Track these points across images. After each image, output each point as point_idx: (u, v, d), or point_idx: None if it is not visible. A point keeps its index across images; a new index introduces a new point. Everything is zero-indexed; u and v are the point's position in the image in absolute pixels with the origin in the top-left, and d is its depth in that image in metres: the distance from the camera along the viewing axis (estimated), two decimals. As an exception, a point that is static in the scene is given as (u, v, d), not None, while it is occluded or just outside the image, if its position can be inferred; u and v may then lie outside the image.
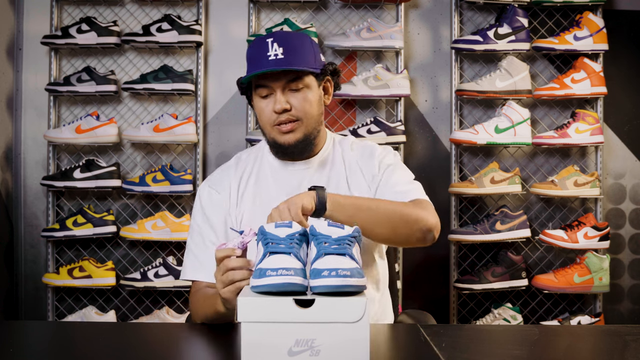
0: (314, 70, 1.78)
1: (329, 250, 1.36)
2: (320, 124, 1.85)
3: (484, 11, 3.41)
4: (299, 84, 1.77)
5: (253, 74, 1.74)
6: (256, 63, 1.75)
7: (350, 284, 1.29)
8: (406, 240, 1.77)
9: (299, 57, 1.75)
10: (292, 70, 1.75)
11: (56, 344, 1.62)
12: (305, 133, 1.80)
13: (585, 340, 1.65)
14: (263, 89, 1.77)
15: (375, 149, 1.91)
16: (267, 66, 1.73)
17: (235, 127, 3.38)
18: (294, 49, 1.74)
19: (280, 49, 1.73)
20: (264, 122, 1.80)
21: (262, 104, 1.79)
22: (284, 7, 3.38)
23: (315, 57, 1.80)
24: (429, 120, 3.42)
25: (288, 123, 1.77)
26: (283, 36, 1.76)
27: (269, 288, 1.30)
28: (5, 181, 3.31)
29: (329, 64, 1.85)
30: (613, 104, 3.39)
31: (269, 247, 1.38)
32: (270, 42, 1.74)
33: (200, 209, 1.88)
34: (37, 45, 3.31)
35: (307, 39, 1.81)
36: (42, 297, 3.32)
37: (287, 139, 1.79)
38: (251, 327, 1.28)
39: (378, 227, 1.70)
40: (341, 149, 1.91)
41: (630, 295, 3.42)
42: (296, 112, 1.77)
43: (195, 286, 1.83)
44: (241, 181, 1.88)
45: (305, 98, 1.78)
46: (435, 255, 3.36)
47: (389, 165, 1.87)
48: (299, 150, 1.82)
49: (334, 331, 1.27)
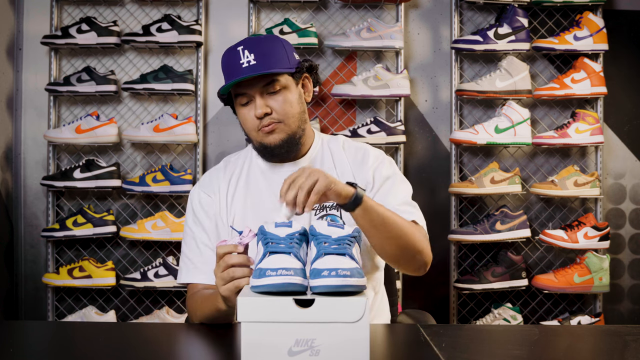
0: (287, 71, 1.78)
1: (328, 250, 1.36)
2: (304, 122, 1.84)
3: (484, 11, 3.41)
4: (275, 86, 1.77)
5: (228, 84, 1.75)
6: (231, 72, 1.76)
7: (350, 283, 1.29)
8: (406, 265, 1.79)
9: (271, 60, 1.75)
10: (266, 74, 1.75)
11: (56, 344, 1.62)
12: (288, 133, 1.79)
13: (585, 340, 1.65)
14: (242, 97, 1.78)
15: (368, 154, 1.89)
16: (241, 74, 1.73)
17: (235, 127, 3.37)
18: (264, 52, 1.75)
19: (252, 55, 1.74)
20: (248, 129, 1.81)
21: (244, 112, 1.79)
22: (284, 7, 3.38)
23: (289, 57, 1.80)
24: (429, 120, 3.42)
25: (269, 125, 1.77)
26: (253, 42, 1.77)
27: (269, 288, 1.30)
28: (5, 181, 3.31)
29: (304, 60, 1.84)
30: (613, 104, 3.39)
31: (269, 246, 1.38)
32: (241, 50, 1.75)
33: (192, 212, 1.90)
34: (37, 45, 3.31)
35: (277, 41, 1.81)
36: (42, 297, 3.32)
37: (272, 139, 1.78)
38: (251, 327, 1.28)
39: (391, 243, 1.70)
40: (330, 149, 1.90)
41: (630, 295, 3.42)
42: (277, 114, 1.77)
43: (191, 289, 1.83)
44: (230, 183, 1.88)
45: (284, 99, 1.78)
46: (435, 255, 3.33)
47: (388, 178, 1.85)
48: (285, 151, 1.81)
49: (334, 331, 1.27)
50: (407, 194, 1.87)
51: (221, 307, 1.60)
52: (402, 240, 1.71)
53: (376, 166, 1.86)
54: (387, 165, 1.88)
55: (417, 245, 1.74)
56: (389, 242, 1.70)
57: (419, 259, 1.76)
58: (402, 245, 1.71)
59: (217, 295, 1.59)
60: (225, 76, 1.79)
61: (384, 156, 1.92)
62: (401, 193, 1.84)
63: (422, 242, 1.76)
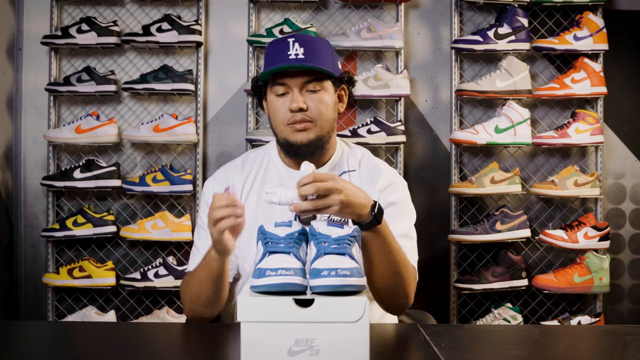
0: (333, 73, 1.78)
1: (328, 250, 1.36)
2: (332, 130, 1.84)
3: (484, 11, 3.41)
4: (316, 86, 1.77)
5: (273, 68, 1.74)
6: (275, 60, 1.74)
7: (349, 283, 1.30)
8: (388, 302, 1.76)
9: (320, 59, 1.75)
10: (312, 71, 1.75)
11: (56, 344, 1.62)
12: (318, 135, 1.79)
13: (585, 340, 1.65)
14: (280, 87, 1.77)
15: (380, 174, 1.87)
16: (287, 63, 1.73)
17: (235, 127, 3.38)
18: (314, 50, 1.74)
19: (302, 49, 1.73)
20: (277, 121, 1.79)
21: (278, 103, 1.78)
22: (284, 7, 3.38)
23: (334, 63, 1.80)
24: (429, 120, 3.42)
25: (302, 122, 1.76)
26: (304, 38, 1.77)
27: (269, 288, 1.30)
28: (5, 181, 3.31)
29: (345, 72, 1.85)
30: (613, 104, 3.39)
31: (269, 246, 1.38)
32: (292, 42, 1.74)
33: (205, 204, 1.89)
34: (37, 45, 3.31)
35: (327, 44, 1.81)
36: (42, 297, 3.32)
37: (300, 137, 1.78)
38: (251, 326, 1.28)
39: (387, 275, 1.67)
40: (348, 163, 1.89)
41: (630, 295, 3.42)
42: (311, 113, 1.76)
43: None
44: (246, 181, 1.88)
45: (321, 100, 1.78)
46: (435, 255, 3.36)
47: (393, 204, 1.83)
48: (310, 151, 1.80)
49: (333, 331, 1.28)
50: (409, 225, 1.85)
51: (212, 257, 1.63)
52: (397, 278, 1.69)
53: (384, 188, 1.85)
54: (396, 190, 1.87)
55: (407, 288, 1.73)
56: (386, 273, 1.67)
57: (402, 302, 1.74)
58: (395, 282, 1.69)
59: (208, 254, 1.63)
60: (267, 63, 1.78)
61: (395, 179, 1.90)
62: (402, 224, 1.82)
63: (411, 286, 1.74)
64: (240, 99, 3.35)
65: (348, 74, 1.87)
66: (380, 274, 1.67)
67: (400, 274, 1.69)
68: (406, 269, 1.71)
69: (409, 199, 1.90)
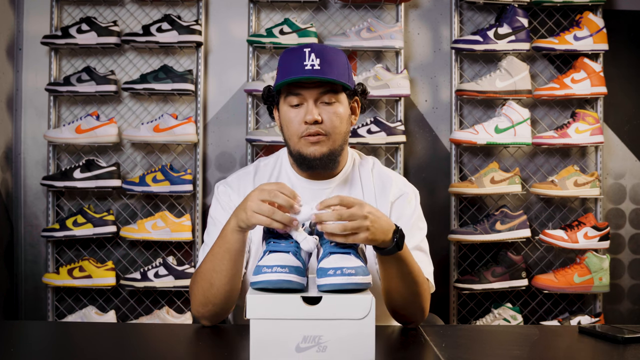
0: (349, 85, 1.77)
1: (334, 249, 1.40)
2: (345, 143, 1.82)
3: (484, 11, 3.41)
4: (332, 98, 1.75)
5: (290, 79, 1.71)
6: (291, 71, 1.72)
7: (354, 281, 1.33)
8: (403, 318, 1.73)
9: (336, 70, 1.73)
10: (328, 82, 1.73)
11: (56, 344, 1.62)
12: (331, 148, 1.77)
13: (585, 340, 1.65)
14: (294, 98, 1.75)
15: (391, 184, 1.86)
16: (304, 74, 1.70)
17: (235, 127, 3.38)
18: (330, 61, 1.72)
19: (318, 59, 1.70)
20: (291, 132, 1.77)
21: (292, 114, 1.76)
22: (284, 7, 3.39)
23: (349, 75, 1.78)
24: (429, 120, 3.42)
25: (316, 135, 1.75)
26: (320, 48, 1.74)
27: (264, 285, 1.34)
28: (5, 181, 3.31)
29: (359, 84, 1.84)
30: (613, 104, 3.39)
31: (270, 245, 1.42)
32: (308, 52, 1.71)
33: (217, 202, 1.87)
34: (37, 45, 3.31)
35: (343, 56, 1.78)
36: (42, 297, 3.32)
37: (314, 151, 1.76)
38: (260, 323, 1.31)
39: (405, 293, 1.66)
40: (360, 173, 1.89)
41: (630, 295, 3.42)
42: (325, 126, 1.75)
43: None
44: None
45: (336, 112, 1.76)
46: (435, 255, 3.34)
47: (404, 216, 1.82)
48: (323, 164, 1.78)
49: (340, 328, 1.31)
50: (421, 237, 1.84)
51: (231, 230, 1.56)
52: (413, 297, 1.67)
53: (396, 199, 1.85)
54: (408, 201, 1.86)
55: (424, 304, 1.71)
56: (401, 294, 1.66)
57: (418, 317, 1.72)
58: (410, 301, 1.68)
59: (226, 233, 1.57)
60: (282, 73, 1.75)
61: (407, 189, 1.89)
62: (415, 237, 1.80)
63: (427, 302, 1.72)
64: (240, 99, 3.36)
65: (362, 86, 1.85)
66: (399, 292, 1.66)
67: (417, 293, 1.68)
68: (423, 287, 1.70)
69: (420, 210, 1.89)
